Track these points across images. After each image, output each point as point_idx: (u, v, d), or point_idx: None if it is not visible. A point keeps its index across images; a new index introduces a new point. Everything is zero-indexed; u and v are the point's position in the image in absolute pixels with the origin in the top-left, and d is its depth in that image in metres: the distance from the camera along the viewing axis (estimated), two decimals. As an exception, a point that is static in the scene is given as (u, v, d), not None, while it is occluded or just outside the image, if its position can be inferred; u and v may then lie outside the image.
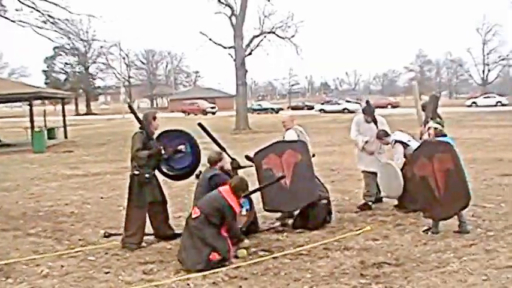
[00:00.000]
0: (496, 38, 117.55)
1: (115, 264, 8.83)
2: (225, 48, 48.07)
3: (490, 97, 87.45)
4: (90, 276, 8.30)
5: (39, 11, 37.62)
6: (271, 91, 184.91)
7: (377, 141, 12.08)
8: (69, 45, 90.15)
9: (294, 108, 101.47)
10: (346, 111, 76.66)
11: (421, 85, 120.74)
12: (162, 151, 9.82)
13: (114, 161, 23.08)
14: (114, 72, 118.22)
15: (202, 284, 7.79)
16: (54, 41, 57.06)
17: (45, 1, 37.15)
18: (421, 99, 13.89)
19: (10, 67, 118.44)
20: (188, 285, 7.77)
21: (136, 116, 9.99)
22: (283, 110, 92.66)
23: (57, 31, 42.23)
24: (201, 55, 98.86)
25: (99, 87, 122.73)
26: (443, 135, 10.46)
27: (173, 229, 10.33)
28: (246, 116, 47.95)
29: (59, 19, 39.48)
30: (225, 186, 9.01)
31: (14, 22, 38.64)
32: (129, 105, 10.71)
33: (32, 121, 35.26)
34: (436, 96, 12.87)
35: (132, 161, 9.72)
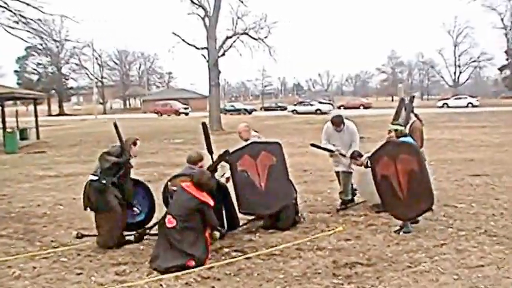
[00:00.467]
0: (467, 40, 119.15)
1: (87, 266, 8.75)
2: (198, 49, 48.03)
3: (461, 98, 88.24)
4: (63, 278, 8.22)
5: (11, 10, 37.17)
6: (244, 92, 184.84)
7: (348, 148, 12.12)
8: (41, 45, 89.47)
9: (266, 109, 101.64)
10: (318, 112, 76.90)
11: (394, 86, 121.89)
12: (131, 159, 9.77)
13: (87, 162, 22.85)
14: (86, 73, 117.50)
15: (175, 284, 7.76)
16: (26, 41, 56.96)
17: (17, 1, 36.78)
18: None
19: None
20: (161, 286, 7.73)
21: (120, 136, 9.88)
22: (256, 110, 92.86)
23: (29, 31, 41.83)
24: (174, 56, 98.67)
25: (71, 88, 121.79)
26: (405, 135, 10.56)
27: (123, 236, 10.08)
28: (219, 116, 47.95)
29: (31, 19, 39.12)
30: (187, 183, 8.97)
31: (-16, 22, 38.26)
32: (115, 124, 10.55)
33: (3, 122, 34.97)
34: (412, 97, 12.93)
35: (95, 167, 9.70)
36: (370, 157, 10.72)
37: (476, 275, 7.62)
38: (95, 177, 9.52)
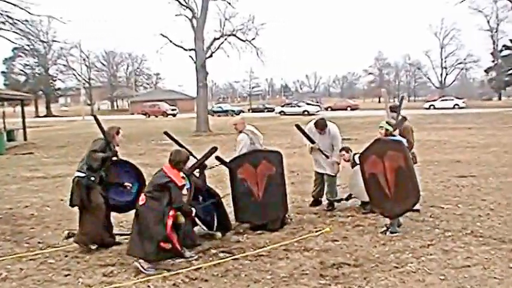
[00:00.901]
0: (453, 41, 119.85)
1: (75, 267, 8.73)
2: (186, 50, 47.91)
3: (448, 100, 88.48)
4: (50, 279, 8.20)
5: (-3, 11, 37.13)
6: (232, 93, 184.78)
7: (330, 150, 12.17)
8: (29, 46, 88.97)
9: (254, 110, 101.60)
10: (306, 113, 76.88)
11: (381, 88, 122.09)
12: (117, 153, 9.73)
13: (74, 163, 22.42)
14: (74, 74, 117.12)
15: (162, 285, 7.76)
16: (13, 42, 56.43)
17: (4, 1, 36.66)
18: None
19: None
20: (148, 287, 7.72)
21: (101, 126, 9.86)
22: (243, 112, 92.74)
23: (16, 32, 41.67)
24: (162, 57, 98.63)
25: (59, 89, 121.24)
26: (393, 136, 10.59)
27: (113, 236, 10.12)
28: (206, 118, 47.87)
29: (18, 20, 39.00)
30: (166, 164, 8.94)
31: (-30, 22, 38.10)
32: (95, 116, 10.52)
33: (-10, 123, 34.76)
34: (402, 98, 12.99)
35: (81, 162, 9.64)
36: (359, 156, 10.78)
37: (463, 275, 7.65)
38: (82, 174, 9.48)
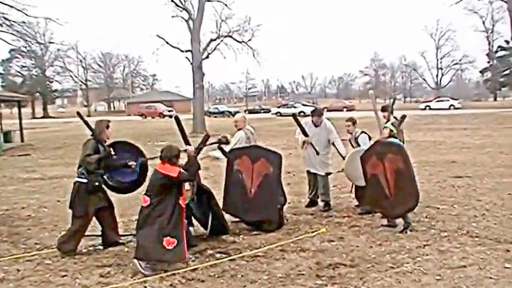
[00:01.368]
0: (449, 43, 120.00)
1: (72, 268, 8.71)
2: (182, 51, 47.85)
3: (443, 101, 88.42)
4: (47, 280, 8.18)
5: (-6, 13, 37.03)
6: (228, 94, 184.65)
7: (324, 145, 12.21)
8: (25, 48, 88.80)
9: (250, 111, 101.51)
10: (302, 114, 76.66)
11: (376, 89, 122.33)
12: (112, 152, 9.70)
13: (71, 164, 22.64)
14: (71, 75, 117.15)
15: (159, 286, 7.75)
16: (10, 44, 56.41)
17: (0, 3, 36.55)
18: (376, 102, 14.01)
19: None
20: (145, 287, 7.73)
21: (86, 123, 9.82)
22: (240, 113, 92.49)
23: (13, 34, 41.57)
24: (158, 58, 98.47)
25: (56, 91, 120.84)
26: (394, 137, 10.69)
27: (119, 236, 10.14)
28: (203, 119, 47.77)
29: (15, 21, 38.90)
30: (158, 163, 8.93)
31: (-33, 24, 38.00)
32: (78, 113, 10.50)
33: (-12, 124, 34.70)
34: (394, 99, 13.04)
35: (79, 168, 9.53)
36: (361, 157, 10.81)
37: (459, 276, 7.66)
38: (84, 180, 9.40)
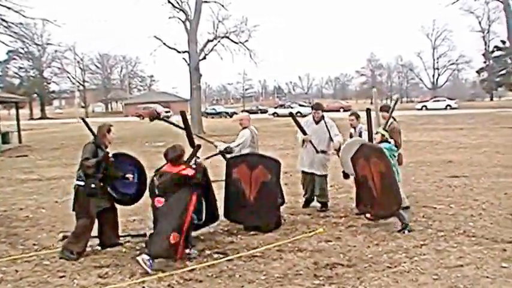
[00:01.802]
0: (445, 43, 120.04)
1: (70, 268, 8.69)
2: (179, 52, 47.90)
3: (440, 101, 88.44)
4: (45, 281, 8.16)
5: (-8, 14, 36.97)
6: (225, 95, 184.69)
7: (325, 144, 12.22)
8: (23, 49, 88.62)
9: (247, 112, 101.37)
10: (299, 115, 76.75)
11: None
12: (110, 155, 9.67)
13: (69, 165, 22.66)
14: (68, 77, 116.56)
15: (157, 286, 7.74)
16: (8, 45, 56.34)
17: (-2, 5, 36.56)
18: (372, 103, 14.04)
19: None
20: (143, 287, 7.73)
21: (90, 128, 9.83)
22: (237, 113, 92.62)
23: (11, 35, 41.52)
24: (155, 59, 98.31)
25: (53, 92, 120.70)
26: (386, 141, 10.85)
27: (119, 237, 10.15)
28: (200, 120, 47.88)
29: (12, 23, 38.86)
30: (164, 167, 9.12)
31: (-35, 25, 37.94)
32: (82, 119, 10.52)
33: (-14, 126, 34.64)
34: (397, 100, 13.06)
35: (78, 171, 9.54)
36: (351, 158, 10.94)
37: (456, 275, 7.66)
38: (82, 183, 9.41)
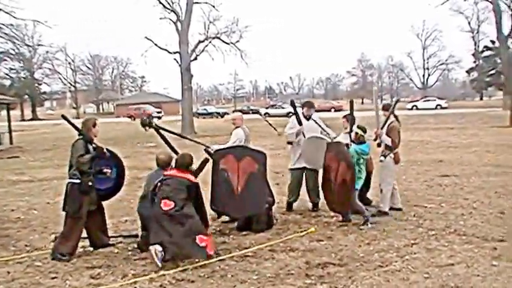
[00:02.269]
0: (435, 43, 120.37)
1: (62, 269, 8.66)
2: (171, 53, 47.87)
3: (430, 100, 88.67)
4: (37, 282, 8.13)
5: (-18, 16, 36.86)
6: (217, 95, 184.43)
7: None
8: (14, 50, 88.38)
9: (240, 111, 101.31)
10: (290, 115, 76.47)
11: (364, 89, 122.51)
12: (105, 150, 9.65)
13: (61, 166, 22.49)
14: (60, 78, 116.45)
15: (149, 287, 7.72)
16: (-2, 46, 56.20)
17: (-12, 6, 36.45)
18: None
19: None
20: (135, 288, 7.72)
21: (72, 124, 9.81)
22: (228, 114, 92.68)
23: (1, 36, 41.48)
24: (146, 60, 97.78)
25: (44, 93, 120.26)
26: (362, 142, 10.94)
27: (109, 237, 10.14)
28: (191, 120, 47.84)
29: (3, 24, 38.79)
30: (170, 171, 9.23)
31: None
32: (63, 116, 10.51)
33: (-23, 127, 34.53)
34: (397, 100, 13.14)
35: (70, 169, 9.46)
36: (328, 143, 11.34)
37: (447, 274, 7.69)
38: (77, 180, 9.33)
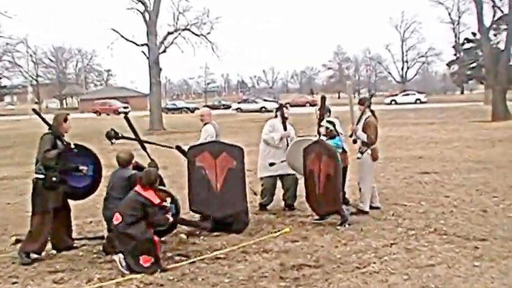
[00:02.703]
0: (414, 35, 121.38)
1: (23, 274, 8.59)
2: (138, 45, 47.65)
3: (409, 94, 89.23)
4: (-4, 287, 8.08)
5: None
6: (187, 90, 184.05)
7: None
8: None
9: (210, 107, 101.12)
10: (264, 110, 76.74)
11: (341, 83, 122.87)
12: (72, 146, 9.59)
13: (22, 165, 22.37)
14: (20, 71, 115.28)
15: (115, 291, 7.69)
16: (-46, 39, 55.67)
17: None
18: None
19: None
20: (101, 293, 7.66)
21: (43, 118, 9.76)
22: (199, 109, 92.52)
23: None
24: (113, 53, 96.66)
25: (4, 87, 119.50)
26: (332, 137, 11.20)
27: (73, 240, 10.10)
28: (160, 115, 47.77)
29: (-41, 16, 38.42)
30: (137, 186, 8.96)
31: None
32: (34, 109, 10.49)
33: None
34: (371, 94, 13.13)
35: (37, 164, 9.44)
36: (304, 149, 11.17)
37: (427, 275, 7.71)
38: (42, 176, 9.29)
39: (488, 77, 51.88)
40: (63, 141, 9.52)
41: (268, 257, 8.97)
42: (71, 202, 10.07)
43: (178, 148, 11.27)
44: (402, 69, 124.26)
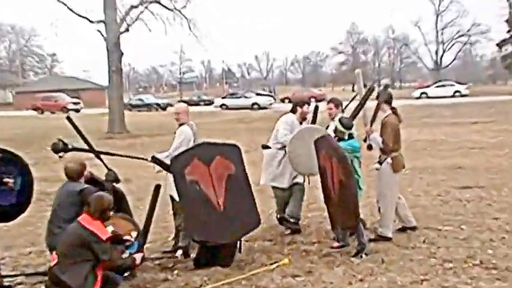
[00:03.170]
0: (453, 6, 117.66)
1: None
2: (93, 22, 47.25)
3: (446, 86, 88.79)
4: None
5: None
6: (157, 81, 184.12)
7: None
8: None
9: (186, 103, 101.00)
10: (256, 106, 76.42)
11: (354, 73, 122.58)
12: None
13: None
14: None
15: None
16: None
17: None
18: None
19: None
20: None
21: None
22: (172, 106, 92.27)
23: None
24: (58, 32, 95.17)
25: None
26: (341, 139, 11.10)
27: (2, 277, 9.95)
28: (122, 114, 47.33)
29: None
30: (82, 214, 8.72)
31: None
32: None
33: None
34: (386, 86, 13.06)
35: None
36: (315, 140, 11.18)
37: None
38: None
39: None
40: None
41: (261, 297, 8.95)
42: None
43: (155, 160, 10.83)
44: (436, 52, 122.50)
